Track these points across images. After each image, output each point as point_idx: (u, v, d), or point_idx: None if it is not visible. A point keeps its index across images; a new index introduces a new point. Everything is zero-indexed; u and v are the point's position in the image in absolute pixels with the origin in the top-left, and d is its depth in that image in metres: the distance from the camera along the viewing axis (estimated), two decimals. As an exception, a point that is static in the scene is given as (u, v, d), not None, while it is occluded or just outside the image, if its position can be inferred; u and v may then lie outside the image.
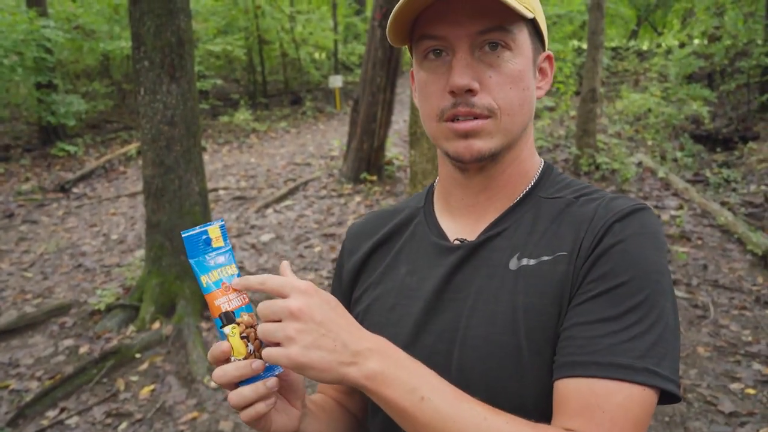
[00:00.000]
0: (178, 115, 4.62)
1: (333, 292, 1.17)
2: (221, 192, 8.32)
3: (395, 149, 9.71)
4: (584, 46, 13.11)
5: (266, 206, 7.50)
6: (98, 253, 6.47)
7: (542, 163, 1.07)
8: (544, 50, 1.02)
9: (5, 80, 10.41)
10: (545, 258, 0.93)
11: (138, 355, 4.30)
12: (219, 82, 14.51)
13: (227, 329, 0.85)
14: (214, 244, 0.91)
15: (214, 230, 0.91)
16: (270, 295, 0.85)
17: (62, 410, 3.78)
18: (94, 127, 13.04)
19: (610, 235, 0.89)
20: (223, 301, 0.87)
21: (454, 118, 0.93)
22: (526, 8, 0.92)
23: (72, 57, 13.02)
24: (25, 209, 8.45)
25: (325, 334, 0.80)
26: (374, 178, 8.07)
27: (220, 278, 0.88)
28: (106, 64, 15.02)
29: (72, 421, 3.68)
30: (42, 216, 8.16)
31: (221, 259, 0.90)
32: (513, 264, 0.95)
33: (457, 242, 1.02)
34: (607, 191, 1.01)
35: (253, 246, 6.20)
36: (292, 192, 8.06)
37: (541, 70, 1.02)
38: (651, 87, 10.55)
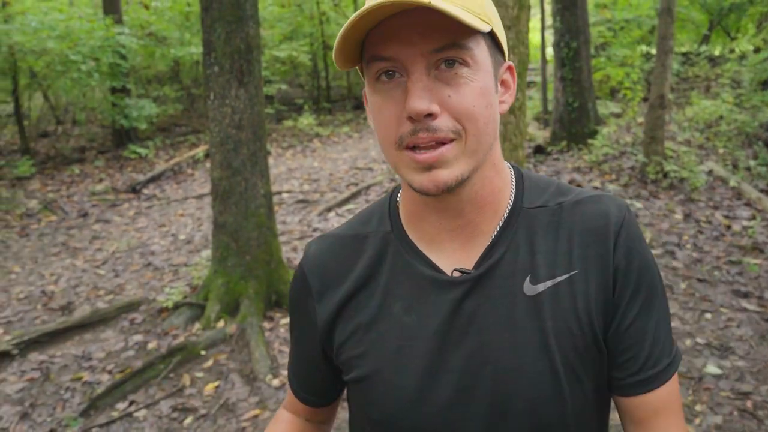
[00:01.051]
0: (246, 119, 4.73)
1: (298, 328, 1.11)
2: (285, 195, 8.47)
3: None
4: (653, 51, 12.80)
5: (328, 210, 7.59)
6: (167, 252, 6.67)
7: (511, 171, 1.03)
8: (504, 61, 0.96)
9: (83, 85, 10.84)
10: (560, 278, 0.93)
11: (203, 352, 4.42)
12: (284, 87, 14.77)
13: None
14: None
15: None
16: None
17: (131, 403, 3.92)
18: (164, 130, 13.45)
19: (622, 253, 0.94)
20: None
21: (414, 147, 0.86)
22: (482, 20, 0.86)
23: (144, 63, 13.47)
24: (98, 209, 8.79)
25: None
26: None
27: None
28: (176, 69, 15.49)
29: (140, 413, 3.81)
30: (114, 216, 8.47)
31: None
32: (528, 289, 0.93)
33: (457, 274, 0.96)
34: (572, 187, 1.02)
35: (315, 249, 6.28)
36: (354, 196, 8.13)
37: (503, 83, 0.96)
38: (723, 93, 10.21)
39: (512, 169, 1.03)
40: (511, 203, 0.98)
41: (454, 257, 0.97)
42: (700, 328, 4.40)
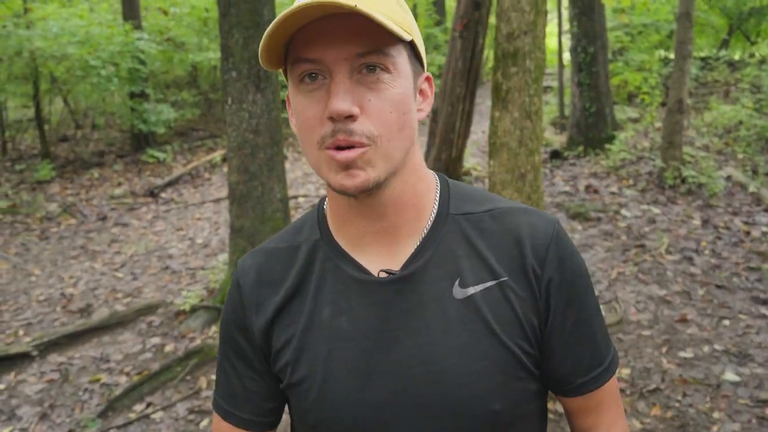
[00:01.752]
0: (263, 124, 4.77)
1: (233, 346, 1.07)
2: (301, 199, 8.51)
3: (473, 159, 9.68)
4: (671, 55, 12.71)
5: (344, 214, 7.60)
6: (184, 256, 6.72)
7: (436, 178, 1.05)
8: (423, 71, 0.99)
9: (102, 90, 10.95)
10: (490, 284, 0.95)
11: (219, 356, 4.44)
12: (300, 92, 14.81)
13: None
14: None
15: None
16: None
17: (148, 405, 3.96)
18: (182, 134, 13.56)
19: (554, 266, 0.97)
20: None
21: (335, 147, 0.87)
22: (404, 30, 0.89)
23: (163, 68, 13.59)
24: (117, 212, 8.88)
25: None
26: (451, 188, 8.05)
27: None
28: (194, 74, 15.61)
29: (157, 415, 3.84)
30: (132, 219, 8.55)
31: None
32: (458, 293, 0.95)
33: (383, 275, 0.97)
34: (501, 197, 1.04)
35: (330, 253, 6.31)
36: (369, 200, 8.14)
37: (422, 92, 0.99)
38: (742, 98, 10.12)
39: (437, 177, 1.05)
40: (436, 208, 1.00)
41: (380, 260, 0.99)
42: (718, 335, 4.36)
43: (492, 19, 7.55)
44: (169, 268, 6.36)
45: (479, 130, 11.78)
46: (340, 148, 0.87)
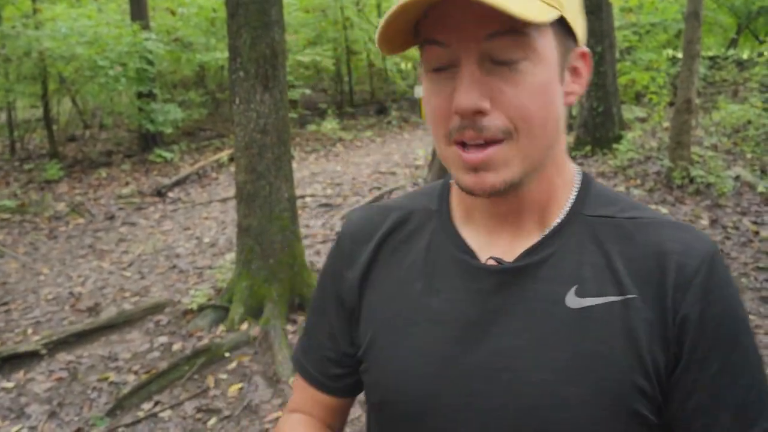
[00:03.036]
0: (270, 124, 4.77)
1: (321, 297, 1.03)
2: (308, 199, 8.52)
3: (480, 159, 9.67)
4: (679, 55, 12.67)
5: (351, 214, 7.61)
6: (191, 255, 6.74)
7: (579, 173, 0.93)
8: (576, 46, 0.83)
9: (110, 90, 11.00)
10: (612, 298, 0.80)
11: (227, 354, 4.46)
12: (307, 91, 14.86)
13: None
14: None
15: None
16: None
17: (156, 403, 3.97)
18: (189, 134, 13.60)
19: (697, 297, 0.79)
20: None
21: (462, 143, 0.78)
22: (548, 4, 0.74)
23: (170, 68, 13.64)
24: (124, 212, 8.91)
25: None
26: (458, 187, 8.05)
27: None
28: (201, 74, 15.65)
29: (165, 414, 3.85)
30: (140, 219, 8.58)
31: None
32: (572, 301, 0.81)
33: (491, 262, 0.86)
34: (654, 210, 0.89)
35: (337, 252, 6.32)
36: (377, 200, 8.15)
37: (574, 71, 0.84)
38: (751, 98, 10.07)
39: (579, 174, 0.93)
40: (569, 206, 0.88)
41: (493, 248, 0.88)
42: (726, 335, 4.34)
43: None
44: (177, 267, 6.38)
45: (486, 130, 11.78)
46: (466, 147, 0.78)
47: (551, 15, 0.73)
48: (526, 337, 0.81)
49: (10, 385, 4.23)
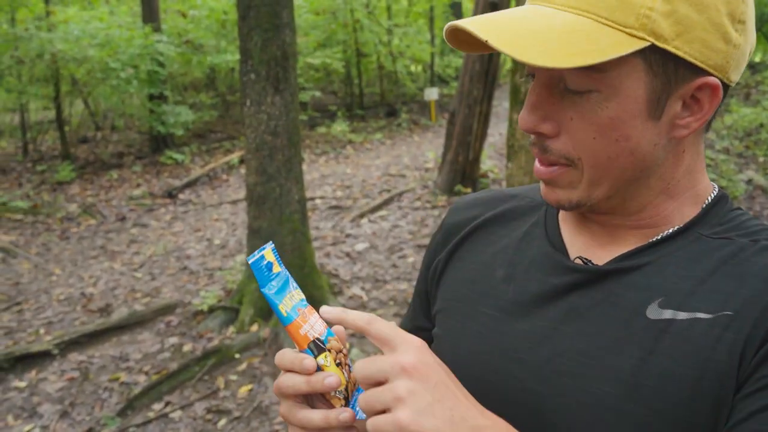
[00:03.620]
0: (281, 126, 4.79)
1: (424, 265, 1.04)
2: (318, 201, 8.53)
3: (490, 162, 9.66)
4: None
5: (361, 216, 7.63)
6: (202, 256, 6.77)
7: (713, 193, 0.83)
8: (699, 75, 0.71)
9: (121, 92, 11.08)
10: (702, 315, 0.70)
11: (237, 356, 4.47)
12: (317, 93, 14.89)
13: (320, 359, 0.74)
14: (274, 270, 0.79)
15: (268, 254, 0.79)
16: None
17: (167, 404, 3.99)
18: (200, 136, 13.65)
19: None
20: (307, 329, 0.76)
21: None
22: (631, 35, 0.67)
23: (181, 70, 13.70)
24: (136, 213, 8.96)
25: (440, 400, 0.64)
26: (468, 190, 8.05)
27: (294, 304, 0.78)
28: (212, 76, 15.72)
29: (175, 414, 3.87)
30: (151, 220, 8.62)
31: (286, 284, 0.79)
32: (653, 312, 0.73)
33: (578, 261, 0.82)
34: None
35: (347, 255, 6.33)
36: (386, 203, 8.16)
37: (693, 101, 0.73)
38: (764, 101, 10.02)
39: (714, 192, 0.83)
40: (687, 222, 0.80)
41: (592, 248, 0.83)
42: (738, 339, 4.32)
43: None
44: (187, 268, 6.41)
45: (496, 132, 11.76)
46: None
47: (631, 47, 0.66)
48: (595, 342, 0.75)
49: (22, 384, 4.27)
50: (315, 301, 5.00)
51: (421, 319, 1.02)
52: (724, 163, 7.77)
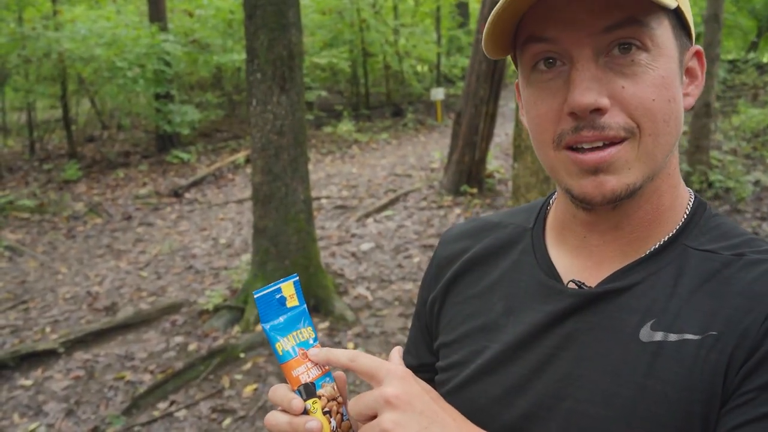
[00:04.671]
0: (287, 126, 4.79)
1: (419, 301, 1.05)
2: (324, 201, 8.53)
3: (496, 162, 9.64)
4: (698, 58, 12.55)
5: (367, 216, 7.62)
6: (207, 255, 6.78)
7: (692, 198, 0.84)
8: (691, 45, 0.78)
9: (128, 91, 11.11)
10: (690, 337, 0.71)
11: (242, 355, 4.47)
12: (324, 93, 14.91)
13: (308, 404, 0.74)
14: (289, 304, 0.79)
15: (288, 287, 0.79)
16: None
17: (172, 403, 3.99)
18: (206, 135, 13.67)
19: None
20: (302, 371, 0.76)
21: (576, 146, 0.73)
22: None
23: (188, 69, 13.72)
24: (141, 212, 8.98)
25: (428, 426, 0.67)
26: (474, 190, 8.04)
27: (297, 343, 0.77)
28: (218, 75, 15.74)
29: (180, 413, 3.87)
30: (157, 219, 8.64)
31: (297, 321, 0.79)
32: (645, 334, 0.74)
33: (572, 285, 0.82)
34: None
35: (353, 254, 6.32)
36: (392, 202, 8.15)
37: (689, 71, 0.79)
38: (771, 101, 9.98)
39: (693, 198, 0.84)
40: (672, 233, 0.80)
41: (582, 271, 0.83)
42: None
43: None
44: (193, 267, 6.42)
45: (503, 133, 11.74)
46: (582, 149, 0.72)
47: (673, 3, 0.69)
48: (593, 367, 0.76)
49: (28, 382, 4.27)
50: (320, 300, 4.99)
51: (425, 355, 1.03)
52: (732, 164, 7.74)
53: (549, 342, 0.80)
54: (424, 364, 1.02)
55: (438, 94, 14.18)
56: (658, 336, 0.73)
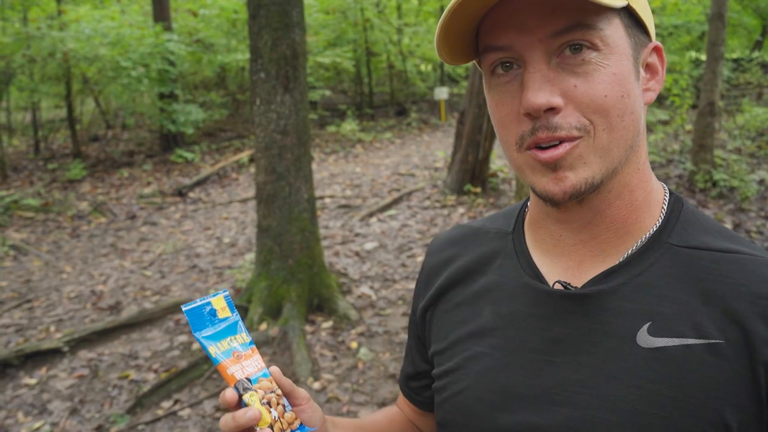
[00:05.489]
0: (291, 125, 4.79)
1: (412, 311, 1.07)
2: (327, 200, 8.54)
3: (500, 161, 9.64)
4: (703, 57, 12.53)
5: (370, 215, 7.62)
6: (211, 255, 6.79)
7: (667, 193, 0.85)
8: (649, 41, 0.80)
9: (132, 90, 11.12)
10: (691, 341, 0.72)
11: (246, 354, 4.47)
12: (327, 93, 14.91)
13: (246, 398, 0.81)
14: (220, 315, 0.87)
15: (218, 301, 0.88)
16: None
17: (176, 402, 4.00)
18: (210, 135, 13.69)
19: None
20: (236, 369, 0.83)
21: (537, 146, 0.74)
22: None
23: (192, 69, 13.75)
24: (146, 212, 8.99)
25: None
26: (478, 190, 8.04)
27: (230, 348, 0.85)
28: (222, 75, 15.76)
29: (184, 412, 3.88)
30: (161, 218, 8.65)
31: (230, 329, 0.87)
32: (643, 339, 0.74)
33: (558, 286, 0.82)
34: (751, 242, 0.81)
35: (356, 254, 6.33)
36: (395, 202, 8.15)
37: (649, 67, 0.80)
38: (776, 100, 9.95)
39: (668, 193, 0.85)
40: (652, 231, 0.81)
41: (562, 271, 0.84)
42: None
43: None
44: (197, 266, 6.43)
45: (506, 132, 11.72)
46: (541, 147, 0.74)
47: (620, 3, 0.71)
48: (591, 372, 0.76)
49: (32, 381, 4.29)
50: (324, 299, 5.00)
51: (420, 363, 1.07)
52: (736, 163, 7.72)
53: (540, 347, 0.81)
54: (420, 372, 1.07)
55: (441, 93, 14.17)
56: (659, 342, 0.74)
